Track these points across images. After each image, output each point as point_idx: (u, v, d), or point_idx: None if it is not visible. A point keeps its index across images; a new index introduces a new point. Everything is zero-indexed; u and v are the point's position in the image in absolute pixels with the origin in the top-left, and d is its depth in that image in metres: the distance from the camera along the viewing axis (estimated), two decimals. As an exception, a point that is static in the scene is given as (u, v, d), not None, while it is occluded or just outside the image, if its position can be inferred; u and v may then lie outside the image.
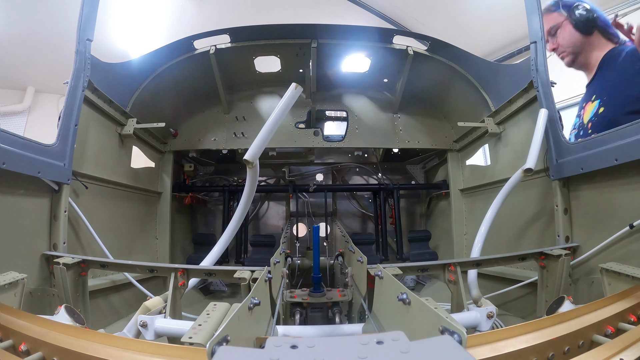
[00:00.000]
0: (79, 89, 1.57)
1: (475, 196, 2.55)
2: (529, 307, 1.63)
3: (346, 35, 2.30)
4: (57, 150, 1.45)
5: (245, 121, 2.70)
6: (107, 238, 1.76)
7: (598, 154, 1.31)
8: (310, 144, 2.70)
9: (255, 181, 1.50)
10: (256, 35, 2.29)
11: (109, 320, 1.67)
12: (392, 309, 0.89)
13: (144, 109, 2.25)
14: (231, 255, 2.76)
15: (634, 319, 0.80)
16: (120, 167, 2.09)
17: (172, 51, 2.26)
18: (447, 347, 0.42)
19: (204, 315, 0.92)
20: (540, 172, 1.69)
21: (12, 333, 0.75)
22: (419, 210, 3.33)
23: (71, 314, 1.03)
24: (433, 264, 1.35)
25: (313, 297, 1.51)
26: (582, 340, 0.72)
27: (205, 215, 3.21)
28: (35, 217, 1.40)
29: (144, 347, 0.67)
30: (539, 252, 1.42)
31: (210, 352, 0.49)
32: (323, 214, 2.95)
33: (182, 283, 1.25)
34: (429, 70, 2.46)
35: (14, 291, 1.09)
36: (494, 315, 1.14)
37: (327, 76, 2.62)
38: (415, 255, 2.77)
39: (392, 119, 2.78)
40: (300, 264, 2.41)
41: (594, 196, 1.43)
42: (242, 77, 2.66)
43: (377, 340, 0.44)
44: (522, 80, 1.81)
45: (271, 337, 0.78)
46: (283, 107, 1.33)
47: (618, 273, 1.11)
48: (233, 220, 1.62)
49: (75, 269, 1.34)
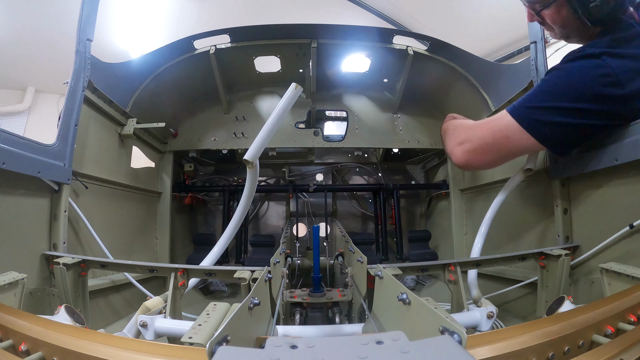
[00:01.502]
0: (79, 89, 1.57)
1: (475, 196, 2.55)
2: (529, 307, 1.63)
3: (346, 35, 2.30)
4: (57, 150, 1.45)
5: (245, 121, 2.70)
6: (107, 238, 1.76)
7: (598, 154, 1.31)
8: (310, 144, 2.70)
9: (255, 181, 1.50)
10: (256, 35, 2.29)
11: (109, 320, 1.67)
12: (392, 309, 0.89)
13: (144, 109, 2.26)
14: (231, 255, 2.76)
15: (634, 319, 0.80)
16: (120, 167, 2.09)
17: (172, 51, 2.26)
18: (447, 347, 0.42)
19: (204, 315, 0.92)
20: (540, 172, 1.69)
21: (12, 333, 0.75)
22: (419, 210, 3.33)
23: (71, 314, 1.03)
24: (433, 264, 1.35)
25: (313, 297, 1.51)
26: (582, 340, 0.72)
27: (205, 215, 3.21)
28: (35, 217, 1.40)
29: (144, 347, 0.67)
30: (539, 252, 1.42)
31: (210, 352, 0.49)
32: (323, 214, 2.95)
33: (182, 283, 1.25)
34: (429, 70, 2.46)
35: (14, 291, 1.09)
36: (494, 315, 1.14)
37: (327, 76, 2.62)
38: (415, 255, 2.76)
39: (392, 119, 2.78)
40: (300, 264, 2.41)
41: (594, 196, 1.43)
42: (242, 77, 2.66)
43: (377, 340, 0.44)
44: (522, 80, 1.81)
45: (271, 337, 0.78)
46: (283, 107, 1.33)
47: (618, 273, 1.11)
48: (233, 220, 1.63)
49: (75, 269, 1.34)
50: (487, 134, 1.33)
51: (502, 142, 1.30)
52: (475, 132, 1.38)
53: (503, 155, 1.36)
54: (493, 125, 1.32)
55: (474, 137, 1.37)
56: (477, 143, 1.36)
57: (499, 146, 1.31)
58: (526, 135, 1.23)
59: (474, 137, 1.37)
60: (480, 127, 1.38)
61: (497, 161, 1.40)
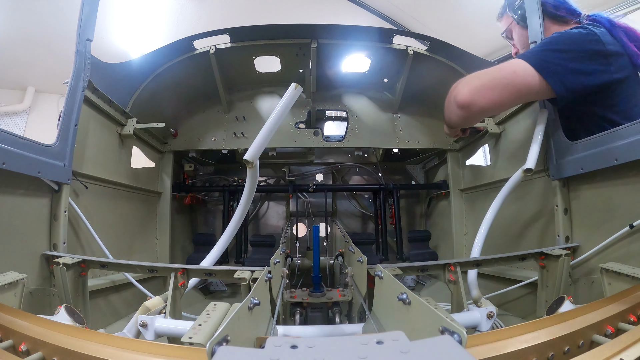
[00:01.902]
0: (79, 89, 1.57)
1: (475, 196, 2.55)
2: (529, 307, 1.63)
3: (346, 35, 2.30)
4: (57, 150, 1.45)
5: (245, 121, 2.70)
6: (107, 238, 1.76)
7: (598, 154, 1.31)
8: (310, 144, 2.70)
9: (255, 181, 1.50)
10: (256, 35, 2.29)
11: (109, 320, 1.67)
12: (392, 309, 0.89)
13: (144, 109, 2.26)
14: (231, 255, 2.77)
15: (634, 319, 0.80)
16: (120, 167, 2.09)
17: (172, 51, 2.26)
18: (447, 347, 0.42)
19: (204, 315, 0.92)
20: (540, 172, 1.69)
21: (12, 333, 0.75)
22: (419, 210, 3.33)
23: (71, 314, 1.03)
24: (433, 264, 1.35)
25: (313, 297, 1.51)
26: (582, 340, 0.72)
27: (205, 215, 3.21)
28: (35, 217, 1.40)
29: (144, 347, 0.67)
30: (539, 252, 1.42)
31: (210, 352, 0.49)
32: (323, 214, 2.95)
33: (182, 283, 1.25)
34: (429, 70, 2.46)
35: (14, 291, 1.09)
36: (494, 315, 1.14)
37: (327, 76, 2.62)
38: (415, 255, 2.77)
39: (392, 119, 2.78)
40: (300, 264, 2.41)
41: (594, 196, 1.43)
42: (242, 77, 2.66)
43: (377, 340, 0.44)
44: (522, 80, 1.80)
45: (271, 337, 0.78)
46: (283, 107, 1.33)
47: (618, 273, 1.11)
48: (233, 220, 1.62)
49: (75, 269, 1.34)
50: (494, 70, 1.41)
51: (509, 77, 1.37)
52: (481, 72, 1.44)
53: (510, 92, 1.40)
54: (502, 65, 1.42)
55: (480, 74, 1.43)
56: (484, 79, 1.41)
57: (507, 81, 1.37)
58: (532, 71, 1.32)
59: (480, 74, 1.43)
60: (490, 68, 1.44)
61: (503, 100, 1.42)
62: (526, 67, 1.34)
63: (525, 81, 1.34)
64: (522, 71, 1.34)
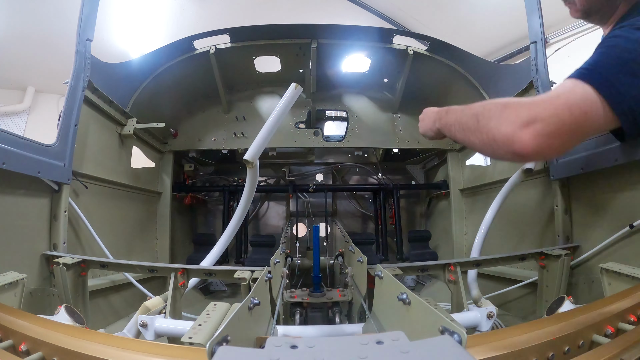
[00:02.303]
0: (79, 89, 1.57)
1: (475, 196, 2.55)
2: (529, 307, 1.63)
3: (346, 35, 2.30)
4: (57, 150, 1.45)
5: (245, 121, 2.71)
6: (107, 238, 1.76)
7: (598, 154, 1.31)
8: (310, 144, 2.70)
9: (255, 181, 1.50)
10: (256, 35, 2.29)
11: (109, 320, 1.67)
12: (392, 309, 0.89)
13: (144, 109, 2.25)
14: (231, 255, 2.77)
15: (634, 319, 0.80)
16: (120, 167, 2.09)
17: (172, 51, 2.26)
18: (447, 347, 0.42)
19: (204, 315, 0.92)
20: (540, 172, 1.69)
21: (12, 333, 0.75)
22: (419, 210, 3.33)
23: (71, 314, 1.03)
24: (433, 264, 1.35)
25: (313, 297, 1.51)
26: (582, 340, 0.72)
27: (205, 215, 3.21)
28: (35, 217, 1.40)
29: (144, 347, 0.67)
30: (539, 252, 1.43)
31: (210, 352, 0.49)
32: (323, 214, 2.95)
33: (182, 283, 1.25)
34: (429, 70, 2.46)
35: (14, 291, 1.09)
36: (494, 315, 1.14)
37: (327, 76, 2.62)
38: (415, 255, 2.77)
39: (392, 119, 2.78)
40: (300, 264, 2.41)
41: (594, 196, 1.43)
42: (242, 77, 2.66)
43: (377, 340, 0.44)
44: (522, 80, 1.81)
45: (271, 337, 0.78)
46: (283, 107, 1.33)
47: (618, 273, 1.11)
48: (233, 220, 1.63)
49: (75, 269, 1.34)
50: (562, 110, 0.93)
51: (579, 121, 0.93)
52: (544, 109, 0.94)
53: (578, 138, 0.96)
54: (568, 99, 0.95)
55: (545, 116, 0.93)
56: (552, 123, 0.92)
57: (576, 126, 0.93)
58: (605, 109, 0.92)
59: (545, 116, 0.93)
60: (549, 102, 0.96)
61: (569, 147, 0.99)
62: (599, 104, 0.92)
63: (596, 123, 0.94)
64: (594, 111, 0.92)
